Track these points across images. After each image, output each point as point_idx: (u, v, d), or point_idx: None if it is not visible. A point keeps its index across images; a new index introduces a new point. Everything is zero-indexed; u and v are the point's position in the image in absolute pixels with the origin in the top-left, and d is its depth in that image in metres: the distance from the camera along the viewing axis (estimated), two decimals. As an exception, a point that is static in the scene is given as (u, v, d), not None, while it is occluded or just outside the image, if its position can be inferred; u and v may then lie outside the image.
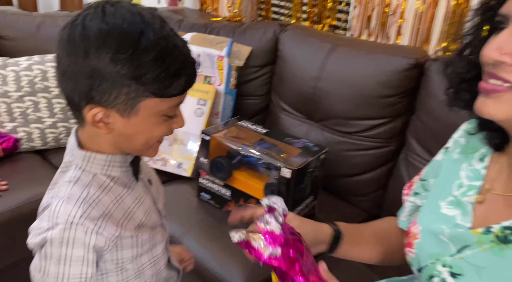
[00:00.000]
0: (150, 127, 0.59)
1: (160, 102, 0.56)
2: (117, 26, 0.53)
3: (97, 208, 0.59)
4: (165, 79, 0.55)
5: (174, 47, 0.55)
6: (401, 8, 1.45)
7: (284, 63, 1.50)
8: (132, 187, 0.66)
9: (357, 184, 1.39)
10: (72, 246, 0.56)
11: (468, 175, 0.66)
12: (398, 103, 1.27)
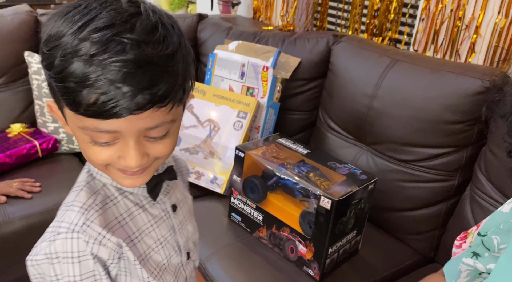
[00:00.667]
0: (82, 144, 0.48)
1: (74, 116, 0.44)
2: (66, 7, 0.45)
3: (100, 219, 0.51)
4: (68, 89, 0.42)
5: (83, 56, 0.41)
6: (477, 22, 1.26)
7: (336, 78, 1.36)
8: (144, 207, 0.57)
9: (411, 220, 1.21)
10: (78, 259, 0.49)
11: None
12: (466, 131, 1.08)
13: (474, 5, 1.26)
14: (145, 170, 0.50)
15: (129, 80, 0.40)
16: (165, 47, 0.43)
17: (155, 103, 0.42)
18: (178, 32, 0.46)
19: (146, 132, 0.46)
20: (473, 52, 1.29)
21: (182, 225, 0.63)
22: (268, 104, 1.39)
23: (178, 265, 0.62)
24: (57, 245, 0.49)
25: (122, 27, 0.41)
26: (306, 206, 1.05)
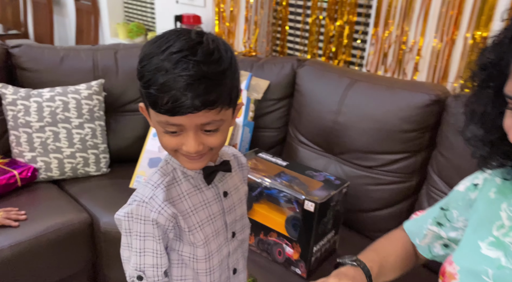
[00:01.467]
0: (159, 135, 0.65)
1: (154, 113, 0.61)
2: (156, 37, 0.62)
3: (165, 194, 0.68)
4: (149, 96, 0.59)
5: (165, 70, 0.57)
6: (418, 45, 1.48)
7: (302, 97, 1.52)
8: (201, 189, 0.73)
9: (378, 219, 1.37)
10: (145, 221, 0.67)
11: (509, 215, 0.65)
12: (419, 138, 1.27)
13: (415, 31, 1.48)
14: (202, 157, 0.66)
15: (189, 89, 0.56)
16: (218, 66, 0.58)
17: (206, 106, 0.58)
18: (230, 55, 0.61)
19: (202, 127, 0.61)
20: (417, 70, 1.51)
21: (231, 209, 0.77)
22: (243, 123, 1.52)
23: (224, 240, 0.76)
24: (133, 209, 0.67)
25: (189, 51, 0.57)
26: (289, 212, 1.18)
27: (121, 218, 0.69)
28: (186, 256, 0.72)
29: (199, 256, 0.72)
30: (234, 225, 0.78)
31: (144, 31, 3.08)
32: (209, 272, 0.74)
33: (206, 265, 0.73)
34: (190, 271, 0.73)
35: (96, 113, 1.67)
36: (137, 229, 0.68)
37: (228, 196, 0.76)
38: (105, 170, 1.71)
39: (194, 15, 2.22)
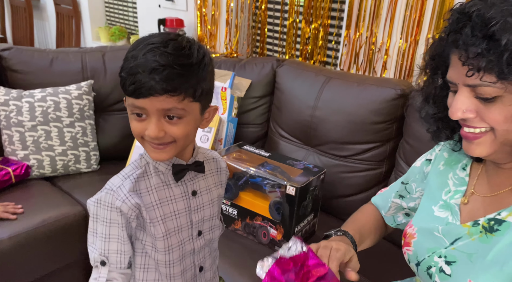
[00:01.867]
0: (130, 121, 0.70)
1: (126, 98, 0.69)
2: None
3: (132, 185, 0.73)
4: (121, 79, 0.67)
5: (134, 57, 0.65)
6: (386, 46, 1.63)
7: (282, 94, 1.65)
8: (170, 185, 0.77)
9: (353, 204, 1.50)
10: (111, 209, 0.72)
11: (454, 182, 0.78)
12: (387, 129, 1.41)
13: (383, 33, 1.63)
14: (166, 148, 0.69)
15: (153, 73, 0.63)
16: (185, 59, 0.65)
17: (167, 91, 0.64)
18: (201, 55, 0.67)
19: (164, 113, 0.66)
20: (385, 69, 1.66)
21: (199, 208, 0.80)
22: (228, 119, 1.63)
23: (188, 237, 0.79)
24: (102, 196, 0.72)
25: (161, 44, 0.64)
26: (273, 197, 1.29)
27: (91, 204, 0.73)
28: (148, 246, 0.76)
29: (159, 248, 0.76)
30: (201, 224, 0.81)
31: (126, 34, 3.15)
32: (168, 265, 0.78)
33: (166, 258, 0.77)
34: (152, 261, 0.78)
35: (86, 112, 1.74)
36: (104, 215, 0.72)
37: (197, 196, 0.80)
38: (95, 167, 1.78)
39: (177, 18, 2.32)
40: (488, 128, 0.63)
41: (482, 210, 0.71)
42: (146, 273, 0.78)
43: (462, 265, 0.68)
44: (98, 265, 0.74)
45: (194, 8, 2.35)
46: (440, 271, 0.71)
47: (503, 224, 0.66)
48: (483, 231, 0.68)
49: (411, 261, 0.79)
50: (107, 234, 0.72)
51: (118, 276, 0.75)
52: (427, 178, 0.85)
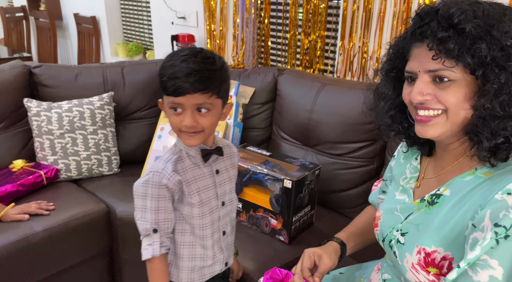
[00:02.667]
0: (169, 117, 0.91)
1: (166, 98, 0.90)
2: None
3: (172, 167, 0.94)
4: (162, 83, 0.88)
5: (172, 66, 0.86)
6: (377, 54, 1.78)
7: (283, 100, 1.81)
8: (200, 166, 0.99)
9: (347, 198, 1.65)
10: (157, 186, 0.92)
11: (410, 171, 0.93)
12: (377, 129, 1.55)
13: (373, 42, 1.78)
14: (197, 135, 0.91)
15: (188, 77, 0.84)
16: (211, 66, 0.87)
17: (200, 90, 0.86)
18: (221, 63, 0.90)
19: (197, 106, 0.88)
20: (377, 75, 1.81)
21: (221, 183, 1.04)
22: (234, 124, 1.80)
23: (215, 206, 1.02)
24: (150, 177, 0.93)
25: (192, 55, 0.87)
26: (273, 191, 1.45)
27: (140, 185, 0.94)
28: (186, 213, 0.97)
29: (195, 214, 0.97)
30: (223, 196, 1.04)
31: (143, 50, 3.38)
32: (202, 227, 0.99)
33: (200, 222, 0.99)
34: (188, 226, 0.99)
35: (107, 121, 1.94)
36: (153, 192, 0.92)
37: (219, 174, 1.03)
38: (116, 170, 1.98)
39: (188, 34, 2.53)
40: (441, 111, 0.74)
41: (428, 189, 0.86)
42: (184, 236, 1.00)
43: (412, 234, 0.82)
44: (150, 233, 0.94)
45: (204, 25, 2.55)
46: (397, 242, 0.84)
47: (440, 197, 0.79)
48: (427, 205, 0.82)
49: (379, 238, 0.94)
50: (156, 207, 0.92)
51: (166, 240, 0.96)
52: (392, 171, 1.00)
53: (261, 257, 1.37)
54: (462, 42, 0.68)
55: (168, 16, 2.80)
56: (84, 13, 3.72)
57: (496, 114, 0.68)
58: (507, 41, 0.66)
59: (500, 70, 0.67)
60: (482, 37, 0.67)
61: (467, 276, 0.68)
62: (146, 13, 3.26)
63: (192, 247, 1.01)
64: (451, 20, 0.69)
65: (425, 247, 0.77)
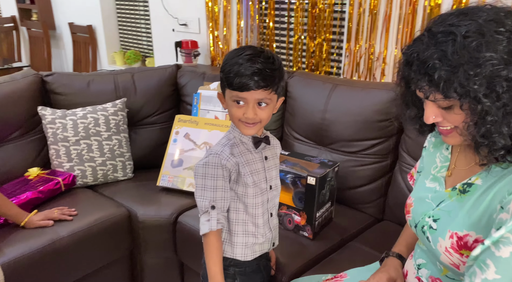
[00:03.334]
0: (230, 108, 1.01)
1: (229, 91, 0.98)
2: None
3: (229, 150, 1.04)
4: (227, 79, 0.96)
5: (238, 64, 0.94)
6: (383, 55, 1.86)
7: (294, 102, 1.87)
8: (251, 152, 1.08)
9: (363, 193, 1.71)
10: (216, 167, 1.02)
11: (440, 160, 0.99)
12: (390, 126, 1.63)
13: (380, 44, 1.86)
14: (254, 125, 1.01)
15: (254, 75, 0.94)
16: (272, 66, 0.96)
17: (262, 87, 0.95)
18: (279, 63, 0.99)
19: (258, 101, 0.97)
20: (384, 75, 1.89)
21: (269, 168, 1.13)
22: (248, 126, 1.85)
23: (265, 188, 1.11)
24: (209, 159, 1.03)
25: (256, 55, 0.95)
26: (295, 189, 1.50)
27: (200, 166, 1.03)
28: (241, 193, 1.07)
29: (249, 194, 1.07)
30: (271, 180, 1.14)
31: (141, 57, 3.41)
32: (255, 206, 1.09)
33: (254, 201, 1.08)
34: (241, 205, 1.09)
35: (121, 126, 1.96)
36: (212, 173, 1.02)
37: (268, 160, 1.13)
38: (130, 175, 2.00)
39: (192, 40, 2.57)
40: (453, 126, 0.83)
41: (460, 179, 0.92)
42: (238, 214, 1.09)
43: (444, 220, 0.88)
44: (208, 210, 1.02)
45: (206, 30, 2.60)
46: (429, 228, 0.90)
47: (472, 186, 0.85)
48: (459, 193, 0.88)
49: (411, 225, 0.99)
50: (214, 186, 1.01)
51: (221, 217, 1.04)
52: (423, 160, 1.06)
53: (288, 253, 1.42)
54: (436, 86, 0.76)
55: (169, 23, 2.84)
56: (80, 22, 3.72)
57: (478, 141, 0.76)
58: (472, 85, 0.72)
59: (476, 104, 0.74)
60: (452, 80, 0.74)
61: (490, 252, 0.74)
62: (145, 21, 3.29)
63: (245, 225, 1.09)
64: (424, 68, 0.76)
65: (457, 232, 0.84)
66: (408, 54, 0.81)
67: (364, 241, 1.52)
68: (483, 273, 0.75)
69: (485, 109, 0.74)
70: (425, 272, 0.97)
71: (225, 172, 1.03)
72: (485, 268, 0.74)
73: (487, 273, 0.74)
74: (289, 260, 1.39)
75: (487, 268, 0.74)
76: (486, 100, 0.73)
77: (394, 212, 1.65)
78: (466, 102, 0.76)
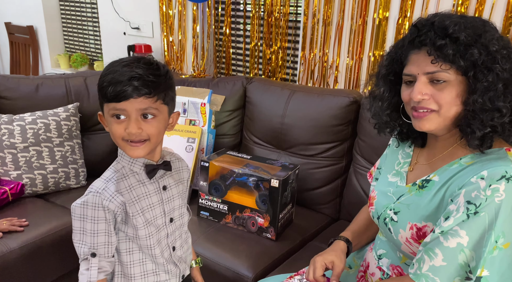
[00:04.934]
0: (110, 126, 0.84)
1: (106, 106, 0.83)
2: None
3: (114, 186, 0.87)
4: (101, 89, 0.82)
5: (114, 72, 0.81)
6: (336, 63, 1.96)
7: (253, 107, 1.91)
8: (144, 183, 0.92)
9: (320, 195, 1.78)
10: (98, 208, 0.85)
11: (403, 156, 1.08)
12: (345, 130, 1.72)
13: (333, 53, 1.96)
14: (142, 145, 0.85)
15: (133, 80, 0.79)
16: (155, 71, 0.83)
17: (144, 94, 0.81)
18: (165, 70, 0.86)
19: (142, 112, 0.82)
20: (336, 82, 1.99)
21: (169, 199, 0.97)
22: (208, 131, 1.86)
23: (162, 224, 0.96)
24: (88, 198, 0.86)
25: (134, 61, 0.83)
26: (258, 192, 1.53)
27: (77, 206, 0.85)
28: (131, 235, 0.91)
29: (141, 236, 0.91)
30: (172, 212, 0.98)
31: (88, 60, 3.28)
32: (150, 248, 0.93)
33: (147, 242, 0.92)
34: (135, 244, 0.92)
35: (73, 132, 1.89)
36: (91, 215, 0.85)
37: (167, 190, 0.96)
38: (84, 183, 1.92)
39: (145, 44, 2.53)
40: (435, 109, 0.87)
41: (420, 174, 1.00)
42: (132, 255, 0.93)
43: (404, 213, 0.96)
44: (88, 257, 0.86)
45: (160, 35, 2.57)
46: (391, 220, 0.98)
47: (430, 182, 0.94)
48: (418, 188, 0.96)
49: (374, 216, 1.07)
50: (95, 230, 0.85)
51: (106, 264, 0.88)
52: (386, 157, 1.14)
53: (252, 254, 1.45)
54: (457, 48, 0.83)
55: (120, 26, 2.77)
56: (18, 22, 3.50)
57: (485, 107, 0.83)
58: (493, 47, 0.82)
59: (488, 71, 0.83)
60: (472, 44, 0.83)
61: (439, 241, 0.83)
62: (92, 23, 3.18)
63: (142, 264, 0.95)
64: (446, 30, 0.84)
65: (416, 223, 0.92)
66: (424, 23, 0.88)
67: (323, 240, 1.59)
68: (431, 260, 0.83)
69: (497, 75, 0.82)
70: (385, 261, 1.04)
71: (108, 215, 0.86)
72: (433, 256, 0.83)
73: (435, 261, 0.83)
74: (254, 261, 1.41)
75: (435, 256, 0.83)
76: (500, 66, 0.81)
77: (349, 212, 1.74)
78: (478, 70, 0.82)
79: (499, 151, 0.87)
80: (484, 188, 0.80)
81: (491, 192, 0.79)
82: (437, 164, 0.96)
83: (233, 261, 1.42)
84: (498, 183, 0.79)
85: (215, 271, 1.42)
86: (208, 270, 1.42)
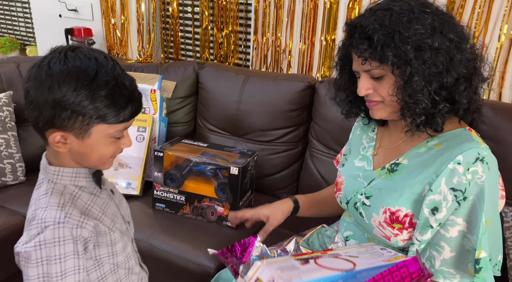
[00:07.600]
0: (101, 147, 0.74)
1: (108, 127, 0.72)
2: (76, 67, 0.69)
3: (75, 210, 0.74)
4: (114, 110, 0.70)
5: (122, 85, 0.71)
6: (289, 48, 1.95)
7: (207, 93, 1.85)
8: (97, 194, 0.82)
9: (277, 180, 1.78)
10: (64, 242, 0.71)
11: (367, 140, 1.09)
12: (300, 115, 1.72)
13: (285, 37, 1.94)
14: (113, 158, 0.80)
15: (138, 93, 0.76)
16: (129, 76, 0.76)
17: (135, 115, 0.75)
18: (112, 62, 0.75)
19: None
20: (290, 67, 1.98)
21: (120, 202, 0.91)
22: (160, 119, 1.77)
23: (126, 229, 0.88)
24: (46, 235, 0.69)
25: (120, 70, 0.74)
26: (216, 180, 1.49)
27: (31, 250, 0.68)
28: (105, 256, 0.80)
29: (118, 250, 0.82)
30: (127, 215, 0.92)
31: (19, 45, 3.00)
32: (127, 260, 0.86)
33: (124, 254, 0.84)
34: (107, 267, 0.82)
35: (8, 123, 1.71)
36: (57, 253, 0.69)
37: (114, 192, 0.90)
38: (22, 179, 1.76)
39: (85, 28, 2.34)
40: (381, 99, 0.92)
41: (386, 159, 1.02)
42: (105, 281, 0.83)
43: (376, 197, 0.97)
44: None
45: (101, 17, 2.40)
46: (362, 204, 0.99)
47: (399, 166, 0.96)
48: (388, 172, 0.98)
49: (342, 201, 1.07)
50: (63, 270, 0.71)
51: None
52: (351, 142, 1.15)
53: (213, 244, 1.41)
54: (374, 51, 0.85)
55: (55, 8, 2.55)
56: None
57: (407, 101, 0.86)
58: (406, 45, 0.83)
59: (406, 67, 0.84)
60: (388, 43, 0.84)
61: (441, 234, 0.86)
62: (21, 4, 2.90)
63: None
64: (365, 32, 0.86)
65: (389, 207, 0.93)
66: (351, 24, 0.90)
67: (282, 225, 1.57)
68: (440, 255, 0.86)
69: (413, 71, 0.83)
70: (353, 243, 1.05)
71: (79, 246, 0.72)
72: (441, 250, 0.86)
73: (444, 254, 0.86)
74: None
75: (442, 249, 0.86)
76: (415, 61, 0.83)
77: (307, 196, 1.75)
78: (398, 67, 0.84)
79: (462, 132, 0.90)
80: (464, 172, 0.83)
81: (471, 175, 0.82)
82: (403, 148, 0.98)
83: (194, 252, 1.37)
84: (475, 166, 0.82)
85: (175, 264, 1.37)
86: (169, 264, 1.36)
